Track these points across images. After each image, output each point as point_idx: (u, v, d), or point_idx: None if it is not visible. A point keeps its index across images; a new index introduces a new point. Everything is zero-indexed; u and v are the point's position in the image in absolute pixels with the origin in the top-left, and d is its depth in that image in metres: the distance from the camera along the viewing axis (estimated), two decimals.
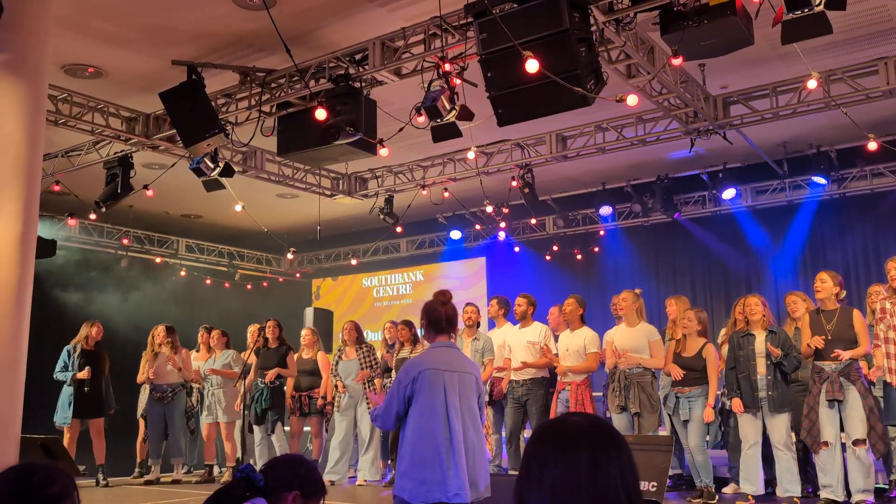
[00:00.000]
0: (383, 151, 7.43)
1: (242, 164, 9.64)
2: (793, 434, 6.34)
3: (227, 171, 8.49)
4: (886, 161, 9.41)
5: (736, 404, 6.36)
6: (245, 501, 2.28)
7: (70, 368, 8.20)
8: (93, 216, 10.09)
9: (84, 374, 8.12)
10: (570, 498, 1.44)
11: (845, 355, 5.87)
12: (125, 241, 12.32)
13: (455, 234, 12.34)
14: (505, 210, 10.89)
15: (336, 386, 8.26)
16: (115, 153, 8.97)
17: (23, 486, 2.04)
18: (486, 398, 7.43)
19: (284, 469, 2.41)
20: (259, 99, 7.51)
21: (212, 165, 8.29)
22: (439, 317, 3.89)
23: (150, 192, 9.08)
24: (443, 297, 3.93)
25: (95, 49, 7.09)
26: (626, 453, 1.50)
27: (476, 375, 3.88)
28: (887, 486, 6.46)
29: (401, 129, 6.95)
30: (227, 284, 13.88)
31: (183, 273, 13.30)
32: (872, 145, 7.83)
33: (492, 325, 8.29)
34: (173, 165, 9.09)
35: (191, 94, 7.03)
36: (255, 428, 8.39)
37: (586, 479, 1.44)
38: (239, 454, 8.46)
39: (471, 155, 8.95)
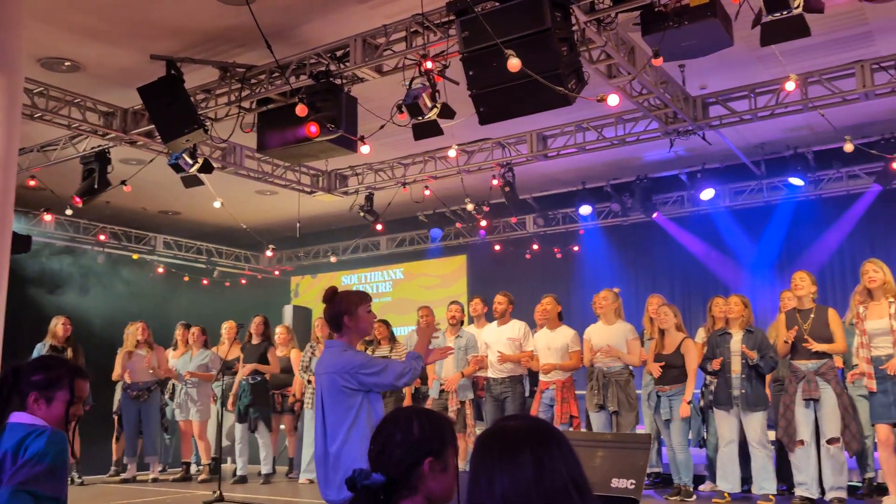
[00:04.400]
0: (364, 148, 7.41)
1: (221, 161, 9.57)
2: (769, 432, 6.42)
3: (206, 168, 8.42)
4: (862, 163, 9.52)
5: (715, 363, 6.41)
6: None
7: None
8: (69, 211, 9.97)
9: None
10: (521, 501, 1.46)
11: (816, 346, 5.95)
12: (102, 237, 12.18)
13: (435, 232, 12.35)
14: (485, 208, 10.91)
15: (309, 381, 8.18)
16: (92, 148, 8.87)
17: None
18: (471, 396, 7.45)
19: (397, 448, 1.90)
20: (239, 95, 7.45)
21: (190, 161, 8.22)
22: (324, 316, 3.75)
23: (127, 188, 8.99)
24: (326, 295, 3.70)
25: (73, 42, 7.00)
26: (567, 447, 1.54)
27: (338, 373, 3.51)
28: (860, 484, 6.56)
29: (382, 127, 6.94)
30: (205, 281, 13.77)
31: (160, 270, 13.19)
32: (848, 147, 7.93)
33: (471, 323, 8.29)
34: (151, 161, 9.00)
35: (170, 89, 6.97)
36: (238, 426, 8.35)
37: (534, 479, 1.47)
38: (214, 452, 8.42)
39: (452, 153, 8.96)
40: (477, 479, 1.54)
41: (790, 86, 6.90)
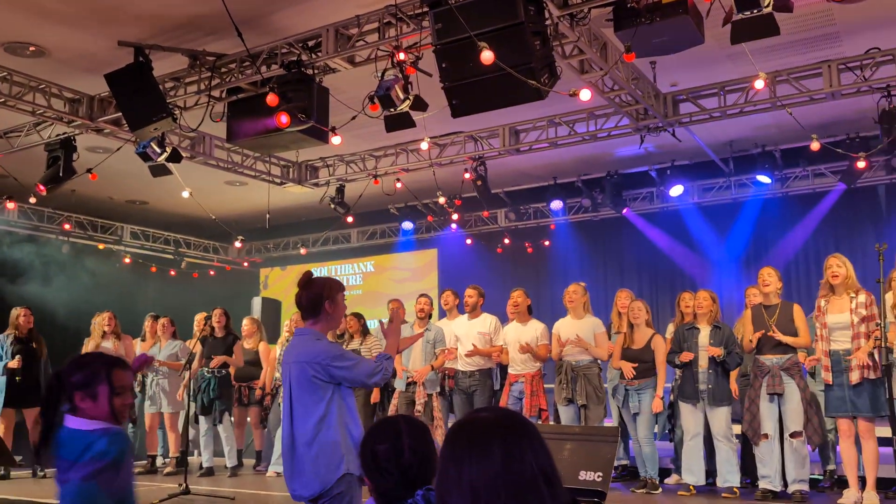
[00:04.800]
0: (335, 140, 7.36)
1: (190, 150, 9.45)
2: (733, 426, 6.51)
3: (175, 157, 8.31)
4: (827, 162, 9.67)
5: (684, 355, 6.47)
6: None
7: (3, 358, 7.96)
8: (32, 199, 9.78)
9: (14, 363, 7.89)
10: (489, 490, 1.47)
11: (781, 337, 6.05)
12: (67, 227, 11.97)
13: (407, 225, 12.33)
14: (457, 202, 10.91)
15: None
16: (57, 135, 8.70)
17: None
18: (438, 389, 7.46)
19: (420, 448, 2.03)
20: (209, 84, 7.36)
21: (158, 150, 8.10)
22: (298, 301, 3.63)
23: (93, 177, 8.83)
24: (302, 279, 3.62)
25: (38, 26, 6.85)
26: (538, 439, 1.54)
27: (309, 363, 3.41)
28: (822, 477, 6.68)
29: (353, 118, 6.90)
30: (172, 272, 13.61)
31: (127, 260, 13.00)
32: (815, 146, 8.05)
33: (442, 316, 8.30)
34: (118, 149, 8.85)
35: (138, 76, 6.86)
36: (201, 418, 8.26)
37: (502, 469, 1.48)
38: (183, 446, 8.33)
39: (424, 146, 8.93)
40: (446, 468, 1.54)
41: (759, 84, 6.98)
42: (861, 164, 8.63)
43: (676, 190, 10.25)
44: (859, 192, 9.99)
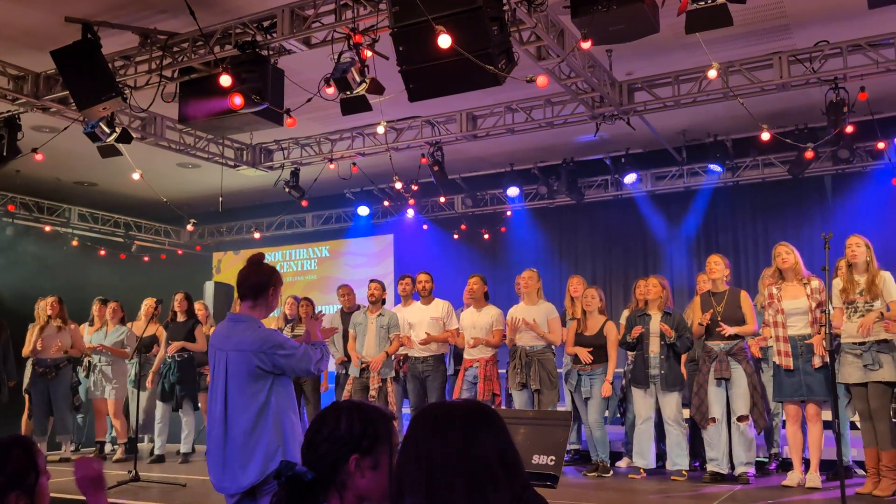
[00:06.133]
0: (290, 122, 7.26)
1: (141, 131, 9.24)
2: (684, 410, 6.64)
3: (125, 137, 8.11)
4: (777, 152, 9.88)
5: (635, 329, 6.57)
6: None
7: None
8: None
9: None
10: (445, 468, 1.52)
11: (729, 330, 6.18)
12: (11, 208, 11.63)
13: (363, 210, 12.25)
14: (414, 187, 10.87)
15: None
16: (0, 113, 8.42)
17: None
18: (393, 374, 7.46)
19: (323, 443, 1.84)
20: (160, 63, 7.19)
21: (108, 130, 7.89)
22: (242, 279, 3.51)
23: (39, 157, 8.58)
24: (255, 258, 3.57)
25: None
26: (499, 425, 1.59)
27: (253, 351, 3.32)
28: (767, 459, 6.86)
29: (309, 100, 6.82)
30: (122, 256, 13.33)
31: (75, 243, 12.68)
32: (765, 136, 8.21)
33: (397, 301, 8.28)
34: (65, 129, 8.61)
35: (86, 54, 6.67)
36: (160, 404, 8.13)
37: (462, 451, 1.53)
38: (132, 432, 8.20)
39: (380, 130, 8.87)
40: (407, 450, 1.59)
41: (712, 74, 7.09)
42: (809, 155, 8.84)
43: (630, 178, 10.38)
44: (807, 182, 10.22)
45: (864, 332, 5.45)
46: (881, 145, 8.95)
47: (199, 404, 8.26)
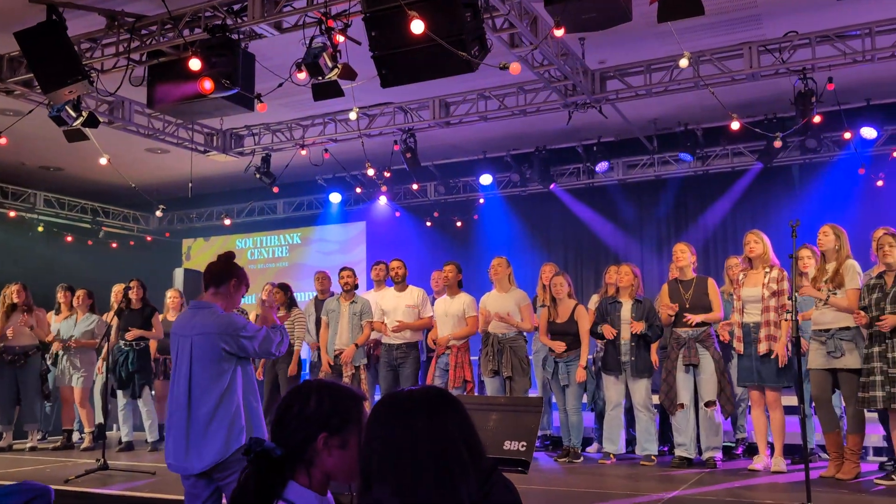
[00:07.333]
0: (261, 107, 7.19)
1: (109, 115, 9.09)
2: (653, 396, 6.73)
3: (92, 122, 7.95)
4: (746, 141, 9.99)
5: (607, 330, 6.62)
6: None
7: None
8: None
9: None
10: (411, 451, 1.54)
11: (695, 318, 6.27)
12: None
13: (334, 197, 12.19)
14: (386, 174, 10.83)
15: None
16: None
17: None
18: (365, 361, 7.45)
19: (292, 420, 1.84)
20: (128, 46, 7.06)
21: (74, 114, 7.73)
22: (209, 268, 3.62)
23: (3, 140, 8.41)
24: (227, 253, 3.65)
25: None
26: (462, 411, 1.62)
27: (219, 334, 3.39)
28: (734, 444, 6.98)
29: (280, 85, 6.74)
30: (90, 242, 13.13)
31: (41, 229, 12.47)
32: (735, 125, 8.29)
33: (370, 286, 8.25)
34: (30, 112, 8.43)
35: (51, 35, 6.52)
36: (119, 393, 8.03)
37: (425, 434, 1.55)
38: (100, 419, 8.11)
39: (353, 116, 8.81)
40: (370, 438, 1.60)
41: (683, 63, 7.14)
42: (777, 144, 8.95)
43: (602, 166, 10.44)
44: (775, 171, 10.36)
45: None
46: (847, 135, 9.08)
47: (157, 392, 8.20)
